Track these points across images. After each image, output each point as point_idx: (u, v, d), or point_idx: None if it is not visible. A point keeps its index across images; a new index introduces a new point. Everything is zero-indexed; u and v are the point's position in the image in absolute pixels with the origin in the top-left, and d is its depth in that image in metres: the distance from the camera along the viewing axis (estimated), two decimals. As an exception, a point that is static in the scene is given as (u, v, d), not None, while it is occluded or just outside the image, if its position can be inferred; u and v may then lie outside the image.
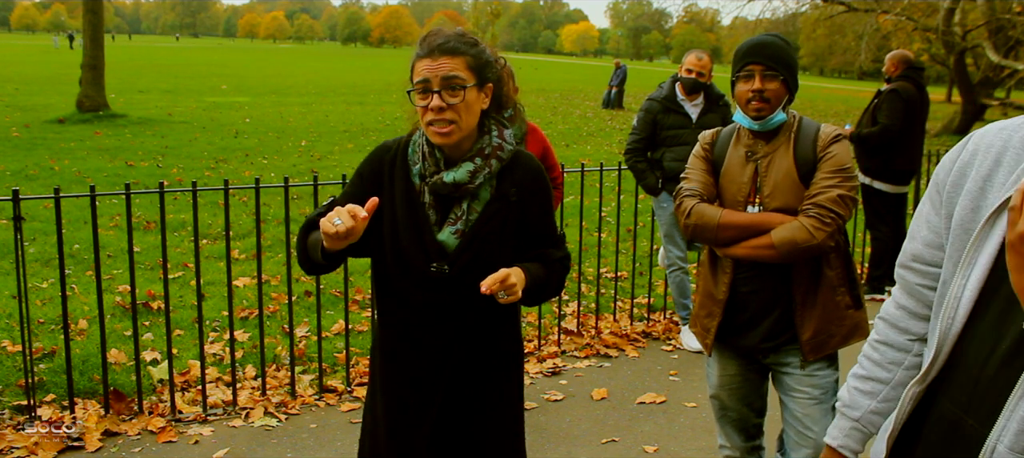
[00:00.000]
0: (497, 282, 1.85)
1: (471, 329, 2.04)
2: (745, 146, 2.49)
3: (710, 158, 2.57)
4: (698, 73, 4.69)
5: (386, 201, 2.01)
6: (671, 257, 4.93)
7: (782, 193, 2.40)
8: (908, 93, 5.89)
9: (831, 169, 2.36)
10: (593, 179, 9.45)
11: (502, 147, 2.01)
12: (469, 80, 1.92)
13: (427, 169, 1.98)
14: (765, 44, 2.42)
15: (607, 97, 24.91)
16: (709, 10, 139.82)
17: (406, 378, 2.07)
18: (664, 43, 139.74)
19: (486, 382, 2.10)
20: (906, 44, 22.67)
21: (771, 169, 2.43)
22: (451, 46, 1.93)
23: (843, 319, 2.45)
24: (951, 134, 19.54)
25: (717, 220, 2.43)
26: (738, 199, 2.46)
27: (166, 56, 52.18)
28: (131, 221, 3.67)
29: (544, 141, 3.77)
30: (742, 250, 2.42)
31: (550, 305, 5.32)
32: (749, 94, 2.40)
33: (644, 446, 3.68)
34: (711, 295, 2.58)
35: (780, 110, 2.42)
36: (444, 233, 1.97)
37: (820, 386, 2.48)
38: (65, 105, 16.57)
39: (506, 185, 2.01)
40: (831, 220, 2.32)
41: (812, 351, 2.44)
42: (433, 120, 1.91)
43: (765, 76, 2.38)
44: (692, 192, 2.53)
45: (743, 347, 2.57)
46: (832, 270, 2.44)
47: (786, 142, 2.43)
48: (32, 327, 4.51)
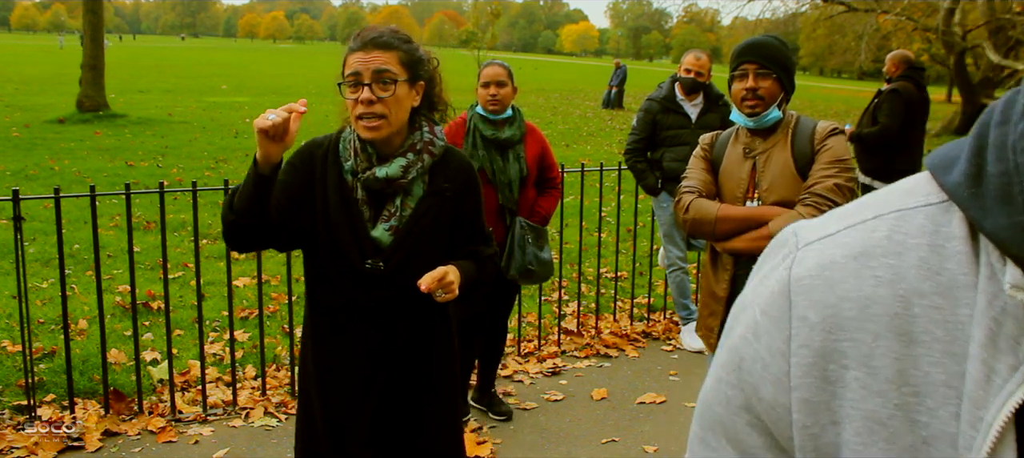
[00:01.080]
0: (435, 281, 1.85)
1: (405, 325, 2.03)
2: (743, 144, 2.52)
3: (709, 158, 2.60)
4: (697, 73, 4.69)
5: (318, 196, 1.99)
6: (671, 257, 4.93)
7: (780, 187, 2.42)
8: (908, 93, 5.90)
9: (828, 160, 2.38)
10: (593, 179, 9.45)
11: (433, 142, 2.01)
12: (400, 75, 1.92)
13: (359, 165, 1.97)
14: (758, 44, 2.46)
15: (607, 97, 24.91)
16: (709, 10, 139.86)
17: (342, 374, 2.05)
18: (664, 43, 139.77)
19: (422, 377, 2.09)
20: (906, 44, 22.67)
21: (769, 164, 2.45)
22: (384, 40, 1.93)
23: None
24: (951, 134, 19.55)
25: (714, 214, 2.45)
26: (737, 195, 2.48)
27: (166, 56, 52.18)
28: (131, 221, 3.67)
29: (543, 141, 3.77)
30: (741, 243, 2.43)
31: (550, 305, 5.32)
32: (743, 92, 2.43)
33: (644, 446, 3.68)
34: (713, 294, 2.58)
35: (775, 108, 2.45)
36: (378, 229, 1.97)
37: None
38: (65, 105, 16.57)
39: (439, 181, 2.02)
40: (828, 208, 2.30)
41: None
42: (363, 114, 1.90)
43: (758, 74, 2.42)
44: (690, 189, 2.56)
45: None
46: None
47: (784, 138, 2.47)
48: (32, 327, 4.51)
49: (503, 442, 3.68)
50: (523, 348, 4.75)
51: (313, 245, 2.03)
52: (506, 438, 3.72)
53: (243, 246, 1.98)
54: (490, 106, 3.56)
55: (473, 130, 3.58)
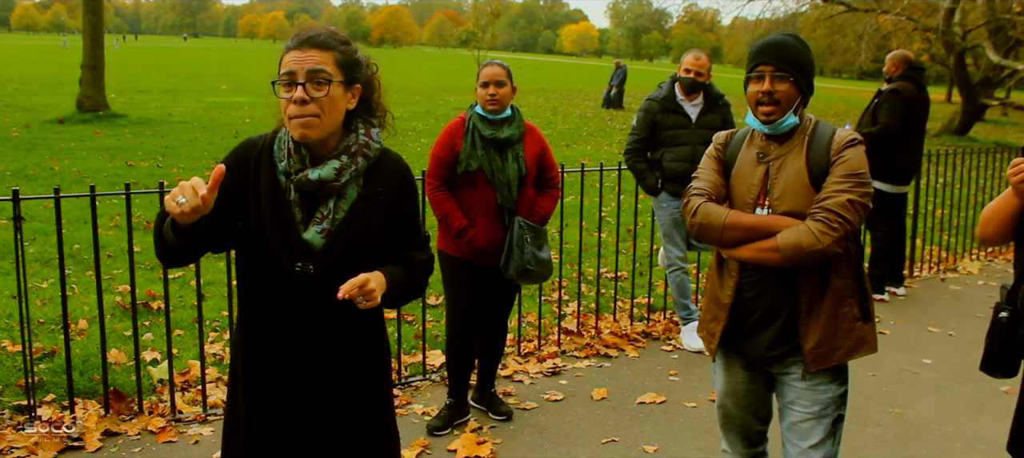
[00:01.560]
0: (355, 287, 1.83)
1: (336, 330, 2.00)
2: (757, 148, 2.44)
3: (722, 158, 2.53)
4: (697, 73, 4.69)
5: (251, 197, 1.97)
6: (671, 257, 4.93)
7: (792, 196, 2.34)
8: (908, 93, 5.89)
9: (843, 173, 2.28)
10: (593, 179, 9.45)
11: (368, 145, 1.98)
12: (335, 75, 1.90)
13: (292, 166, 1.94)
14: (777, 44, 2.35)
15: (607, 97, 24.91)
16: (709, 10, 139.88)
17: (270, 379, 2.02)
18: (664, 43, 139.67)
19: (353, 383, 2.06)
20: (906, 44, 22.65)
21: (782, 171, 2.37)
22: (321, 40, 1.90)
23: (850, 331, 2.38)
24: (951, 134, 19.54)
25: (722, 220, 2.38)
26: (747, 200, 2.41)
27: (166, 56, 52.17)
28: (131, 221, 3.67)
29: (542, 141, 3.77)
30: (747, 252, 2.36)
31: (550, 305, 5.32)
32: (759, 96, 2.34)
33: (644, 446, 3.68)
34: (716, 299, 2.53)
35: (792, 113, 2.36)
36: (310, 232, 1.94)
37: (820, 400, 2.41)
38: (65, 105, 16.57)
39: (373, 184, 1.99)
40: (839, 225, 2.24)
41: (814, 361, 2.36)
42: (296, 114, 1.87)
43: (775, 77, 2.32)
44: (700, 191, 2.48)
45: (749, 356, 2.50)
46: (840, 279, 2.36)
47: (800, 145, 2.37)
48: (32, 327, 4.51)
49: (503, 442, 3.68)
50: (523, 348, 4.75)
51: (244, 247, 1.99)
52: (506, 438, 3.72)
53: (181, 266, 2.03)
54: (489, 106, 3.56)
55: (472, 130, 3.58)
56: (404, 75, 40.69)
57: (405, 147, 13.68)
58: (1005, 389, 4.43)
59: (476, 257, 3.62)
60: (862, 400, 4.23)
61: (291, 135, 1.93)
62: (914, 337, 5.25)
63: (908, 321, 5.57)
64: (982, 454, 3.72)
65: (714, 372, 2.69)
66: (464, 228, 3.56)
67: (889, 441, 3.81)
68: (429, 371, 4.37)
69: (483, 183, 3.56)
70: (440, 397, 4.01)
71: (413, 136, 15.28)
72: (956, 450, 3.75)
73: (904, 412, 4.12)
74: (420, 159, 11.64)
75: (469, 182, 3.58)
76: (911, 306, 5.94)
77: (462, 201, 3.61)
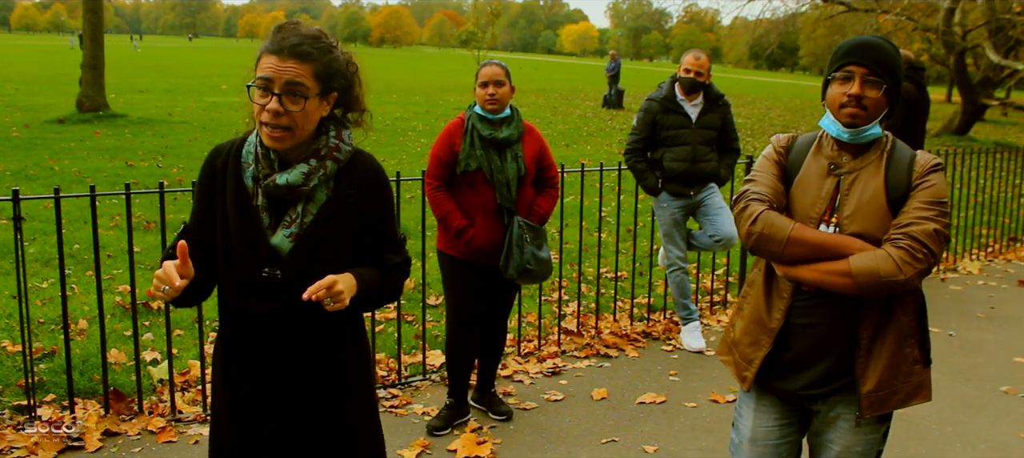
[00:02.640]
0: (322, 289, 1.79)
1: (310, 335, 1.97)
2: (827, 157, 2.17)
3: (783, 164, 2.24)
4: (696, 72, 4.69)
5: (218, 205, 1.95)
6: (671, 257, 4.93)
7: (864, 217, 2.08)
8: (908, 93, 5.90)
9: (928, 199, 2.04)
10: (593, 179, 9.45)
11: (339, 148, 1.94)
12: (313, 90, 1.85)
13: (260, 171, 1.91)
14: (872, 45, 2.09)
15: (607, 97, 24.96)
16: (709, 10, 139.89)
17: (247, 386, 2.00)
18: (664, 43, 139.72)
19: (331, 386, 2.03)
20: (906, 44, 22.65)
21: (855, 187, 2.11)
22: (303, 50, 1.84)
23: (909, 374, 2.14)
24: (951, 134, 19.54)
25: (787, 233, 2.10)
26: (811, 215, 2.14)
27: (166, 56, 52.19)
28: (131, 221, 3.67)
29: (541, 140, 3.77)
30: (810, 273, 2.09)
31: (550, 305, 5.32)
32: (844, 98, 2.08)
33: (644, 446, 3.68)
34: (761, 321, 2.23)
35: (877, 123, 2.11)
36: (277, 236, 1.91)
37: (865, 441, 2.20)
38: (65, 105, 16.57)
39: (344, 186, 1.95)
40: (924, 256, 2.00)
41: (870, 406, 2.12)
42: (268, 122, 1.84)
43: (867, 82, 2.07)
44: (760, 196, 2.18)
45: (785, 391, 2.23)
46: (905, 316, 2.12)
47: (877, 161, 2.12)
48: (32, 327, 4.51)
49: (503, 442, 3.68)
50: (523, 348, 4.75)
51: (216, 255, 1.98)
52: (506, 438, 3.72)
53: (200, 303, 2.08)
54: (488, 106, 3.56)
55: (471, 130, 3.58)
56: (404, 75, 40.68)
57: (405, 147, 13.68)
58: (1005, 389, 4.43)
59: (475, 257, 3.62)
60: (862, 400, 4.22)
61: (260, 140, 1.91)
62: (914, 337, 5.25)
63: (908, 321, 5.57)
64: (982, 454, 3.72)
65: (739, 407, 2.38)
66: (463, 228, 3.56)
67: (889, 441, 3.78)
68: (429, 371, 4.37)
69: (482, 183, 3.56)
70: (440, 397, 4.01)
71: (413, 136, 15.28)
72: (956, 450, 3.75)
73: (904, 412, 4.12)
74: (420, 159, 11.64)
75: (468, 182, 3.58)
76: (911, 306, 5.93)
77: (461, 201, 3.61)
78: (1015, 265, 7.27)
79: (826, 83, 2.16)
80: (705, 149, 4.76)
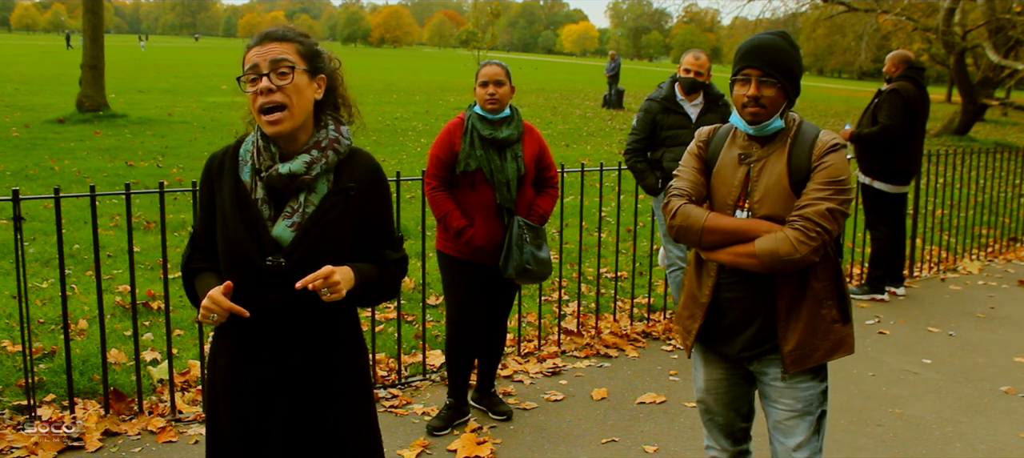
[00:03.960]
0: (319, 278, 1.84)
1: (314, 328, 2.00)
2: (739, 148, 2.41)
3: (704, 157, 2.49)
4: (696, 72, 4.69)
5: (218, 204, 1.99)
6: (671, 257, 4.93)
7: (771, 200, 2.32)
8: (908, 93, 5.89)
9: (823, 180, 2.27)
10: (593, 179, 9.45)
11: (339, 141, 1.99)
12: (299, 64, 1.92)
13: (262, 163, 1.95)
14: (763, 47, 2.31)
15: (607, 97, 24.97)
16: (709, 10, 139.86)
17: (249, 380, 2.01)
18: (664, 43, 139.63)
19: (334, 381, 2.06)
20: (906, 44, 22.65)
21: (763, 174, 2.35)
22: (280, 34, 1.94)
23: (828, 333, 2.39)
24: (951, 134, 19.53)
25: (702, 223, 2.37)
26: (727, 202, 2.40)
27: (166, 56, 52.19)
28: (131, 221, 3.67)
29: (540, 141, 3.77)
30: (725, 256, 2.36)
31: (550, 305, 5.32)
32: (744, 99, 2.31)
33: (644, 446, 3.68)
34: (694, 297, 2.52)
35: (777, 117, 2.33)
36: (279, 227, 1.94)
37: (802, 398, 2.43)
38: (65, 105, 16.57)
39: (344, 179, 2.00)
40: (817, 234, 2.24)
41: (793, 363, 2.38)
42: (263, 104, 1.89)
43: (762, 82, 2.29)
44: (680, 192, 2.46)
45: (726, 354, 2.52)
46: (819, 282, 2.37)
47: (781, 147, 2.35)
48: (32, 327, 4.51)
49: (503, 442, 3.68)
50: (523, 348, 4.75)
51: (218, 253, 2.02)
52: (506, 438, 3.72)
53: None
54: (488, 105, 3.56)
55: (471, 130, 3.58)
56: (404, 75, 40.66)
57: (405, 147, 13.68)
58: (1005, 389, 4.43)
59: (475, 257, 3.62)
60: (862, 400, 4.23)
61: (260, 132, 1.95)
62: (914, 337, 5.25)
63: (908, 321, 5.57)
64: (982, 454, 3.72)
65: (694, 369, 2.69)
66: (463, 228, 3.56)
67: (889, 441, 3.81)
68: (429, 371, 4.37)
69: (482, 183, 3.56)
70: (440, 397, 4.01)
71: (413, 136, 15.28)
72: (956, 450, 3.75)
73: (904, 412, 4.12)
74: (420, 159, 11.64)
75: (468, 182, 3.58)
76: (911, 306, 5.94)
77: (461, 201, 3.61)
78: (1015, 265, 7.27)
79: (731, 84, 2.40)
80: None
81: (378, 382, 4.20)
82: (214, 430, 2.11)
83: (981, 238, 7.80)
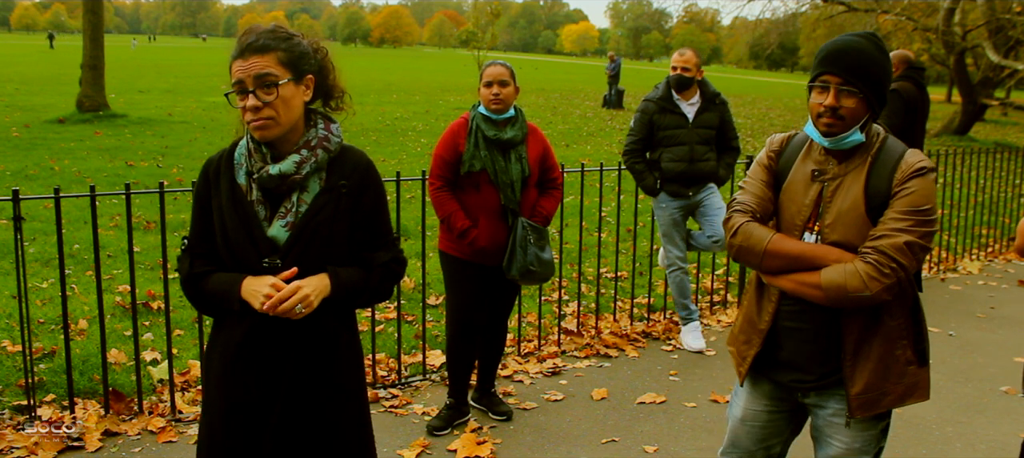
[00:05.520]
0: (289, 302, 1.88)
1: (306, 327, 2.00)
2: (814, 163, 2.17)
3: (774, 169, 2.25)
4: (682, 68, 4.70)
5: (215, 207, 2.01)
6: (671, 257, 4.92)
7: (844, 225, 2.08)
8: (909, 93, 5.89)
9: (905, 208, 2.01)
10: (593, 179, 9.45)
11: (328, 139, 2.01)
12: (283, 76, 1.93)
13: (254, 165, 1.98)
14: (847, 51, 2.05)
15: (607, 97, 24.97)
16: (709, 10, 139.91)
17: (248, 381, 2.02)
18: (664, 43, 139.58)
19: (326, 379, 2.07)
20: (906, 44, 22.65)
21: (837, 195, 2.11)
22: (260, 44, 1.93)
23: (902, 375, 2.15)
24: (951, 134, 19.54)
25: (764, 245, 2.14)
26: (796, 223, 2.16)
27: (166, 56, 52.19)
28: (131, 221, 3.67)
29: (544, 142, 3.77)
30: (787, 283, 2.14)
31: (550, 305, 5.32)
32: (820, 109, 2.07)
33: (644, 446, 3.68)
34: (753, 321, 2.30)
35: (857, 130, 2.08)
36: (274, 228, 1.97)
37: (862, 438, 2.21)
38: (65, 105, 16.58)
39: (335, 177, 2.01)
40: (891, 271, 1.99)
41: (860, 408, 2.14)
42: (251, 119, 1.92)
43: (842, 91, 2.04)
44: (744, 207, 2.22)
45: (778, 381, 2.29)
46: (893, 319, 2.13)
47: (861, 166, 2.10)
48: (32, 327, 4.51)
49: (503, 442, 3.68)
50: (523, 348, 4.75)
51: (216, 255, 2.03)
52: (506, 438, 3.72)
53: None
54: (493, 106, 3.56)
55: (475, 130, 3.57)
56: (404, 75, 40.66)
57: (405, 147, 13.68)
58: (1005, 389, 4.43)
59: (478, 258, 3.62)
60: (862, 400, 4.22)
61: (251, 136, 1.98)
62: (914, 337, 5.25)
63: (908, 321, 5.57)
64: (982, 454, 3.72)
65: (734, 395, 2.47)
66: (467, 229, 3.55)
67: (889, 441, 3.79)
68: (429, 371, 4.37)
69: (486, 184, 3.56)
70: (440, 397, 4.01)
71: (413, 136, 15.28)
72: (956, 450, 3.75)
73: (904, 412, 4.12)
74: (420, 159, 11.63)
75: (472, 183, 3.57)
76: (911, 306, 5.93)
77: (465, 202, 3.60)
78: (1015, 265, 7.27)
79: (809, 90, 2.16)
80: (703, 149, 4.75)
81: (378, 382, 4.20)
82: (208, 425, 2.12)
83: (981, 238, 7.80)
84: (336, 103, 2.11)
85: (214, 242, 2.02)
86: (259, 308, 1.90)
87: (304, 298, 1.90)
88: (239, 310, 1.97)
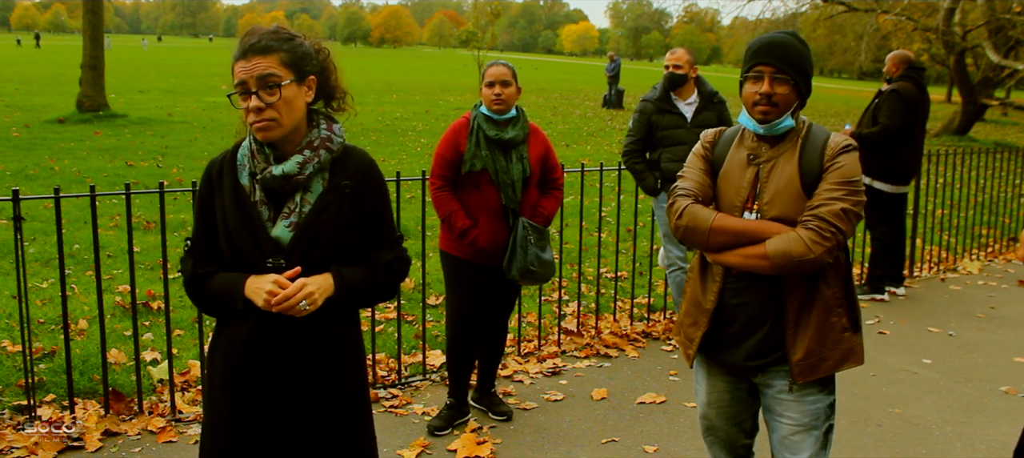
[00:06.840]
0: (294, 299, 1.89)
1: (310, 326, 2.01)
2: (748, 149, 2.35)
3: (710, 158, 2.42)
4: (674, 66, 4.71)
5: (218, 208, 2.01)
6: (671, 257, 4.93)
7: (782, 201, 2.25)
8: (909, 93, 5.89)
9: (837, 180, 2.21)
10: (593, 179, 9.45)
11: (331, 139, 2.01)
12: (285, 77, 1.93)
13: (257, 166, 1.98)
14: (777, 44, 2.26)
15: (607, 97, 24.97)
16: (709, 10, 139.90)
17: (251, 380, 2.03)
18: (664, 43, 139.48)
19: (333, 382, 2.07)
20: (906, 44, 22.65)
21: (773, 175, 2.28)
22: (263, 45, 1.93)
23: (838, 342, 2.31)
24: (951, 134, 19.53)
25: (709, 223, 2.29)
26: (735, 204, 2.32)
27: (166, 56, 52.18)
28: (131, 221, 3.67)
29: (546, 142, 3.77)
30: (733, 258, 2.28)
31: (550, 305, 5.32)
32: (756, 96, 2.25)
33: (644, 446, 3.68)
34: (698, 303, 2.43)
35: (788, 115, 2.27)
36: (278, 228, 1.97)
37: (809, 412, 2.35)
38: (65, 105, 16.58)
39: (338, 177, 2.01)
40: (831, 234, 2.17)
41: (801, 373, 2.30)
42: (254, 121, 1.92)
43: (775, 79, 2.23)
44: (686, 192, 2.38)
45: (730, 364, 2.44)
46: (829, 288, 2.29)
47: (792, 148, 2.29)
48: (32, 327, 4.51)
49: (503, 442, 3.68)
50: (523, 348, 4.75)
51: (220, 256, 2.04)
52: (506, 438, 3.72)
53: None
54: (494, 106, 3.56)
55: (477, 130, 3.57)
56: (404, 75, 40.65)
57: (405, 147, 13.68)
58: (1005, 389, 4.43)
59: (478, 257, 3.61)
60: (862, 400, 4.22)
61: (254, 137, 1.98)
62: (914, 337, 5.25)
63: (908, 321, 5.57)
64: (982, 454, 3.72)
65: (696, 382, 2.61)
66: (467, 228, 3.55)
67: (889, 441, 3.81)
68: (429, 371, 4.37)
69: (487, 183, 3.55)
70: (440, 397, 4.01)
71: (413, 136, 15.28)
72: (956, 450, 3.75)
73: (904, 412, 4.12)
74: (420, 159, 11.63)
75: (473, 182, 3.57)
76: (911, 306, 5.94)
77: (466, 201, 3.60)
78: (1015, 265, 7.27)
79: (742, 83, 2.33)
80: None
81: (378, 382, 4.20)
82: (212, 425, 2.12)
83: (981, 238, 7.80)
84: (338, 104, 2.12)
85: (217, 243, 2.03)
86: (263, 305, 1.91)
87: (308, 295, 1.90)
88: (243, 309, 1.97)
